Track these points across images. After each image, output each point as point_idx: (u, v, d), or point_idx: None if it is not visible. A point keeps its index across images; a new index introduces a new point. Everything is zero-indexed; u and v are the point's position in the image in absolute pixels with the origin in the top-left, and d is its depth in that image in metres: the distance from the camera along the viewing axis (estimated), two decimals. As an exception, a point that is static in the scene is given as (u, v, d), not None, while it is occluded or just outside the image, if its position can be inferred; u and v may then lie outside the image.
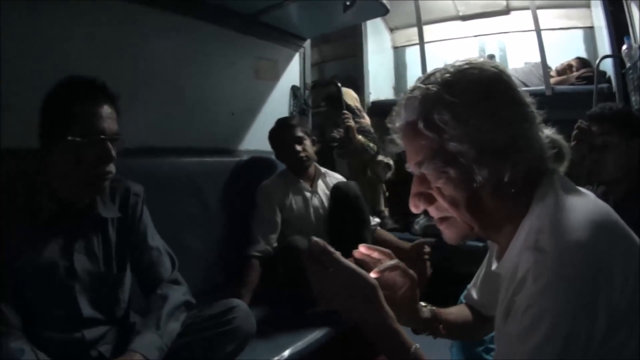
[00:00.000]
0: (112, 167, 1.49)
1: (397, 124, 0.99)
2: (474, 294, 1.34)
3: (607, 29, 3.30)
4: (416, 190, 1.00)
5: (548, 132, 0.95)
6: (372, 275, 1.01)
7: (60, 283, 1.48)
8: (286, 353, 1.91)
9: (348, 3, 2.46)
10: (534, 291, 0.79)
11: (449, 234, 1.02)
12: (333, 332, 2.18)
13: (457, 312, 1.35)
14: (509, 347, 0.83)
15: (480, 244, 4.11)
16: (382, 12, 3.05)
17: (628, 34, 2.63)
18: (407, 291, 1.15)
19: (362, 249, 1.14)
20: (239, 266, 2.45)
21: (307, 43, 3.71)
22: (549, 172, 0.94)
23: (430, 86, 0.92)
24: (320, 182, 2.87)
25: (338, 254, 0.94)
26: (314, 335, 2.08)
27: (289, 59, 3.56)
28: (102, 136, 1.44)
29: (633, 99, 3.36)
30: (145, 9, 2.45)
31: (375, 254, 1.14)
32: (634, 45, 2.46)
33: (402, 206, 4.56)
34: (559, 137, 1.00)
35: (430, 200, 0.98)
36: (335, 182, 2.88)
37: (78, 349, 1.52)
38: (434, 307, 1.25)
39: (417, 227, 4.17)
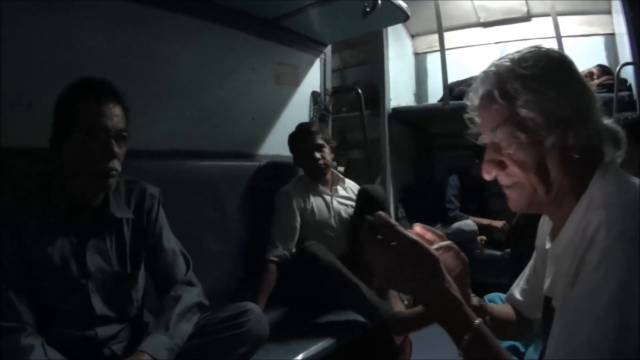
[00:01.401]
0: (115, 164, 1.52)
1: (475, 101, 1.11)
2: (517, 295, 1.38)
3: (628, 35, 3.27)
4: (489, 157, 1.09)
5: (607, 121, 1.04)
6: None
7: (74, 281, 1.51)
8: (299, 357, 1.92)
9: (368, 9, 2.46)
10: (607, 243, 0.83)
11: (515, 199, 1.09)
12: (346, 339, 2.18)
13: (501, 309, 1.39)
14: (580, 309, 0.83)
15: (499, 253, 4.13)
16: (403, 18, 3.04)
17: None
18: (459, 274, 1.16)
19: (417, 228, 1.15)
20: (256, 270, 2.47)
21: (328, 49, 3.70)
22: (608, 156, 1.02)
23: (504, 62, 1.04)
24: (339, 187, 2.93)
25: (400, 226, 0.94)
26: (327, 342, 2.07)
27: (309, 65, 3.56)
28: (104, 132, 1.48)
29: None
30: (167, 14, 2.48)
31: (429, 235, 1.16)
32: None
33: (421, 213, 4.57)
34: (616, 126, 1.06)
35: (502, 166, 1.06)
36: (351, 187, 2.97)
37: (90, 346, 1.54)
38: (480, 298, 1.29)
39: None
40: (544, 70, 1.00)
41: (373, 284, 2.30)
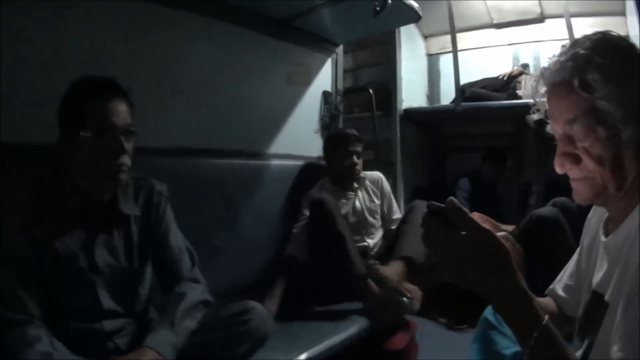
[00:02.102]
0: (126, 159, 1.54)
1: (544, 89, 1.09)
2: (560, 291, 1.35)
3: (641, 37, 3.24)
4: (563, 150, 1.06)
5: None
6: None
7: (82, 275, 1.53)
8: (302, 357, 1.92)
9: (378, 8, 2.46)
10: None
11: (582, 192, 1.08)
12: (353, 338, 2.19)
13: (545, 302, 1.37)
14: None
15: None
16: (415, 18, 3.04)
17: (661, 41, 2.57)
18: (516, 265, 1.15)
19: (476, 216, 1.09)
20: (266, 268, 2.47)
21: (340, 48, 3.70)
22: None
23: (580, 50, 0.99)
24: (362, 190, 3.02)
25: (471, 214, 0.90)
26: (331, 341, 2.08)
27: (321, 65, 3.57)
28: (113, 129, 1.50)
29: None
30: (182, 13, 2.50)
31: (487, 224, 1.12)
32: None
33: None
34: None
35: (576, 160, 1.03)
36: (372, 178, 3.08)
37: (96, 339, 1.56)
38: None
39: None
40: (622, 60, 0.98)
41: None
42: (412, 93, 5.15)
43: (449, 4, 4.62)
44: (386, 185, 3.17)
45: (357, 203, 2.94)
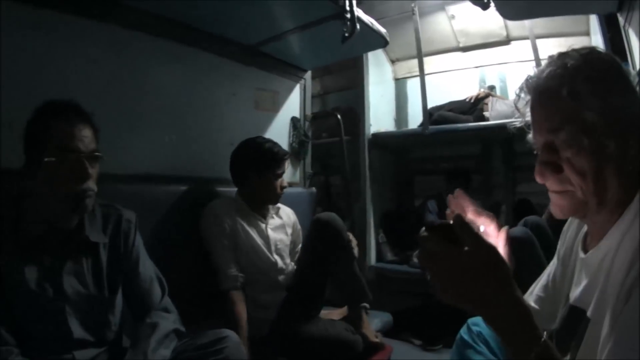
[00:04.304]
0: (91, 184, 1.53)
1: (528, 96, 1.11)
2: (532, 303, 1.35)
3: (606, 55, 3.30)
4: (544, 159, 1.06)
5: None
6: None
7: (51, 304, 1.51)
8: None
9: (346, 34, 2.46)
10: None
11: (561, 205, 1.08)
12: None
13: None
14: None
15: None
16: (382, 43, 3.07)
17: (626, 60, 2.63)
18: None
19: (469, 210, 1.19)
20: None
21: (308, 74, 3.72)
22: None
23: (569, 61, 1.02)
24: (275, 216, 2.77)
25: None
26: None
27: (289, 90, 3.58)
28: (77, 154, 1.49)
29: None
30: (147, 37, 2.48)
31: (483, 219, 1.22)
32: (632, 72, 2.47)
33: (401, 239, 4.57)
34: None
35: (557, 170, 1.04)
36: (287, 213, 2.84)
37: (68, 371, 1.52)
38: None
39: (416, 259, 4.15)
40: (609, 75, 1.01)
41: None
42: (379, 117, 5.20)
43: (416, 29, 4.68)
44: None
45: (268, 229, 2.66)
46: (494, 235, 1.20)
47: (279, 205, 2.79)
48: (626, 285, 0.87)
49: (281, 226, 2.75)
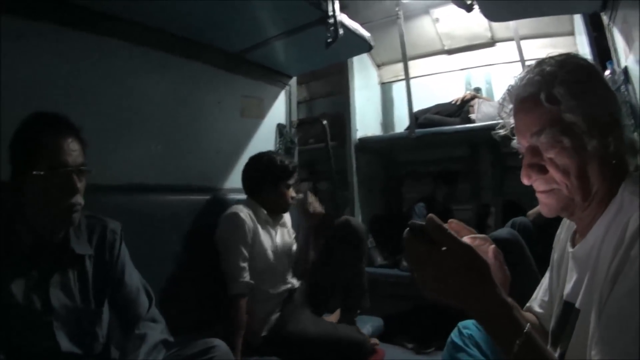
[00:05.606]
0: (78, 199, 1.53)
1: (512, 105, 1.17)
2: (536, 307, 1.41)
3: (591, 55, 3.32)
4: (529, 161, 1.12)
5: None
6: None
7: (38, 317, 1.49)
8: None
9: (330, 39, 2.46)
10: None
11: (548, 203, 1.13)
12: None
13: (528, 317, 1.39)
14: (630, 303, 0.83)
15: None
16: (366, 48, 3.07)
17: (610, 59, 2.65)
18: (497, 271, 1.16)
19: (453, 224, 1.19)
20: (223, 304, 2.41)
21: (293, 80, 3.71)
22: (630, 164, 1.08)
23: (546, 67, 1.09)
24: (281, 222, 2.85)
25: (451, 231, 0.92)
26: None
27: (274, 97, 3.56)
28: (65, 169, 1.48)
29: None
30: (132, 47, 2.47)
31: (464, 232, 1.21)
32: (617, 70, 2.48)
33: (391, 243, 4.56)
34: (635, 137, 1.17)
35: (543, 171, 1.10)
36: (286, 218, 2.91)
37: (56, 384, 1.50)
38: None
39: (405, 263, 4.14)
40: (584, 76, 1.07)
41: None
42: (366, 122, 5.21)
43: (401, 33, 4.69)
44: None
45: (276, 236, 2.76)
46: (491, 257, 1.21)
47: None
48: (610, 273, 0.91)
49: (286, 231, 2.86)
